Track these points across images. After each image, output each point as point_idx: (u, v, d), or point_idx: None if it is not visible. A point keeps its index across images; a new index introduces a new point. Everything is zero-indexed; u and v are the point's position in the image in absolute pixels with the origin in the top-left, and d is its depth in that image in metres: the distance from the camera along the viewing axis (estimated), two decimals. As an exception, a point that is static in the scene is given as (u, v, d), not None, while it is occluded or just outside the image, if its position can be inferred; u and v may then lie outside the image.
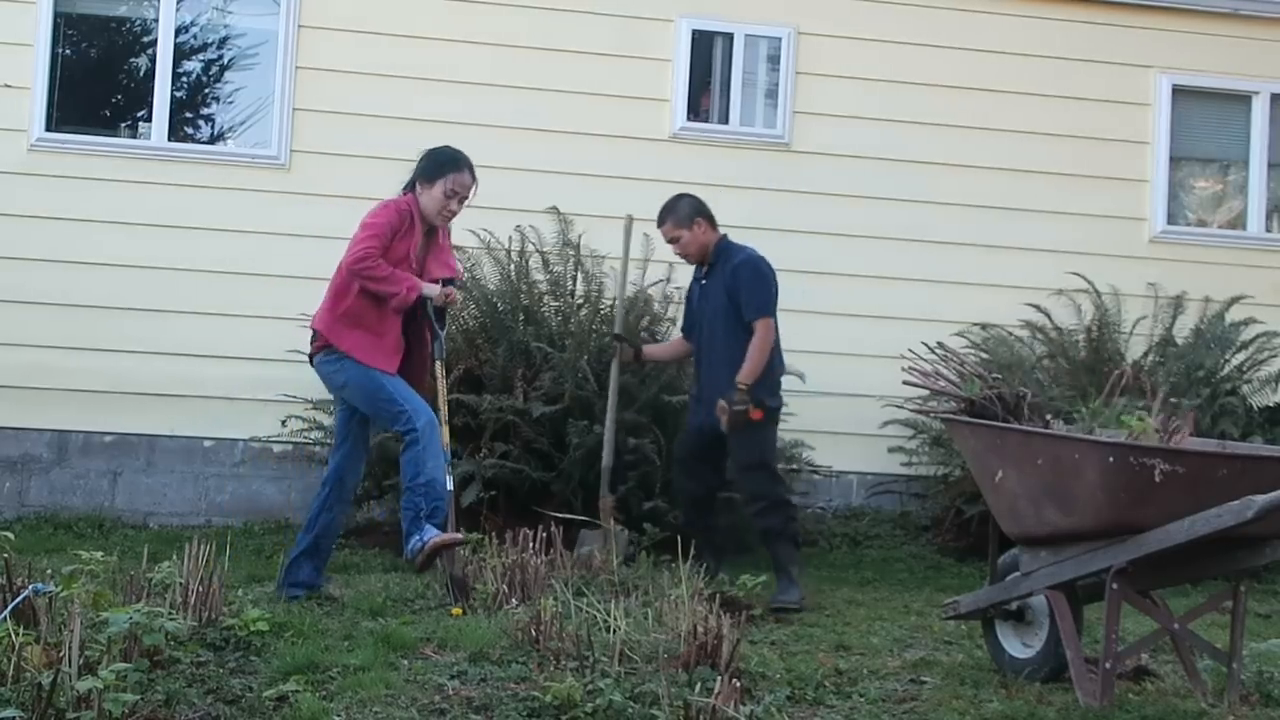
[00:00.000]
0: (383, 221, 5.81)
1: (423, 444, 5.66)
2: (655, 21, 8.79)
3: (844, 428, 8.54)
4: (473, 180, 5.99)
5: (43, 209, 8.17)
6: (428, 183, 5.93)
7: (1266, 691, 4.56)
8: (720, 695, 3.75)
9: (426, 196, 5.92)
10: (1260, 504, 3.92)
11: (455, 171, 5.94)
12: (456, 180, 5.93)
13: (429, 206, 5.92)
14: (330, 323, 5.83)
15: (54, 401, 8.11)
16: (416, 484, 5.66)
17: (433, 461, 5.68)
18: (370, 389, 5.78)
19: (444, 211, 5.95)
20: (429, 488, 5.66)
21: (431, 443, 5.69)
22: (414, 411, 5.71)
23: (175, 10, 8.45)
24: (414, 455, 5.68)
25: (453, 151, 6.05)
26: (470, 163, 6.01)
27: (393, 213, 5.85)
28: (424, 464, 5.66)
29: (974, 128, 9.02)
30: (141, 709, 3.72)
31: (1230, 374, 8.15)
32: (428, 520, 5.63)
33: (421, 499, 5.65)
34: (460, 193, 5.95)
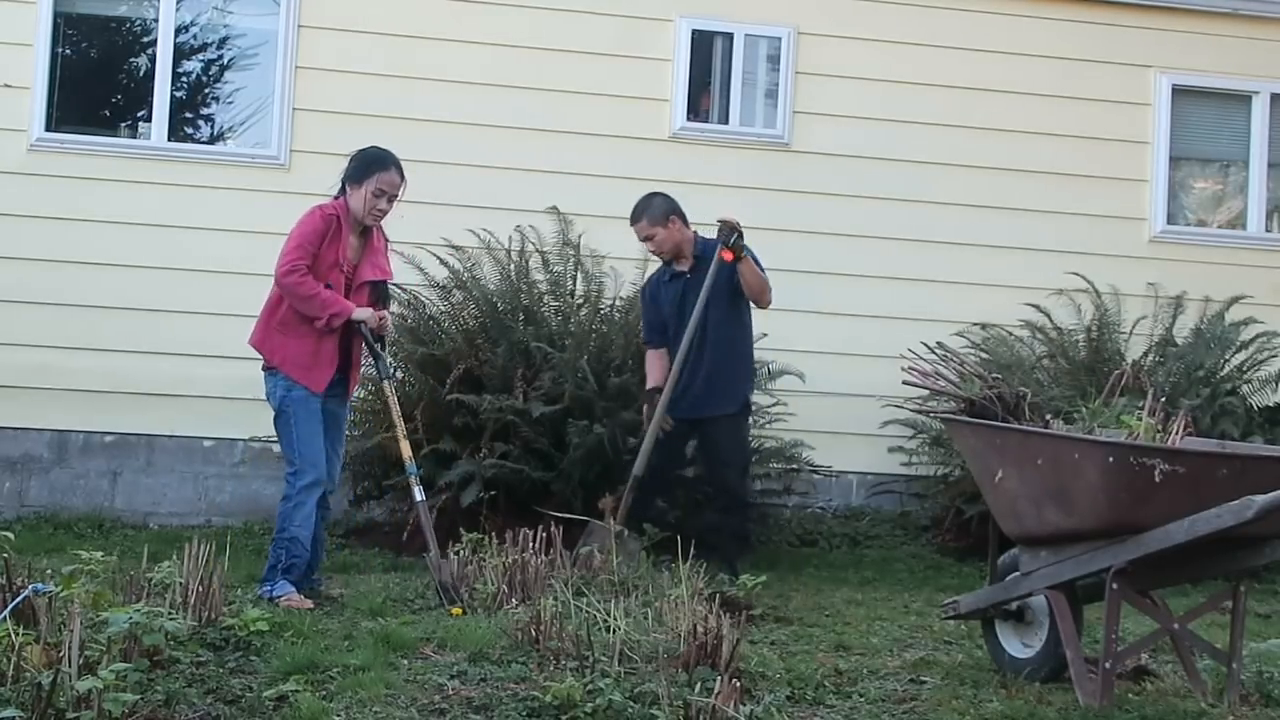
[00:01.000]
0: (308, 230, 5.89)
1: (293, 503, 5.83)
2: (655, 21, 8.79)
3: (844, 428, 8.54)
4: (400, 178, 6.04)
5: (43, 209, 8.17)
6: (355, 184, 5.99)
7: (1266, 691, 4.55)
8: (720, 695, 3.75)
9: (355, 198, 5.98)
10: (1260, 504, 3.92)
11: (382, 170, 6.00)
12: (383, 179, 5.99)
13: (357, 207, 5.97)
14: (265, 334, 5.93)
15: (54, 401, 8.11)
16: (281, 537, 5.84)
17: (300, 521, 5.82)
18: (280, 424, 5.90)
19: (373, 211, 6.00)
20: (291, 544, 5.81)
21: (305, 503, 5.83)
22: (302, 468, 5.84)
23: (175, 10, 8.45)
24: (285, 510, 5.86)
25: (379, 151, 6.12)
26: (397, 161, 6.07)
27: (318, 219, 5.91)
28: (291, 520, 5.82)
29: (974, 128, 9.03)
30: (141, 709, 3.71)
31: (1230, 374, 8.15)
32: (284, 574, 5.77)
33: (283, 552, 5.81)
34: (388, 191, 6.00)
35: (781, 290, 8.59)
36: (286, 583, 5.73)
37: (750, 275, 6.84)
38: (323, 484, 5.91)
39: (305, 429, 5.85)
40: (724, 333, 6.83)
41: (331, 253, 5.90)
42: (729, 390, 6.91)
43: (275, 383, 5.90)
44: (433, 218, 8.01)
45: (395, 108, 8.42)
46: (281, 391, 5.87)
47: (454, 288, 7.83)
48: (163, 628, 4.09)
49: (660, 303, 6.99)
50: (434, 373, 7.51)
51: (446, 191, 8.32)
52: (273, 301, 5.94)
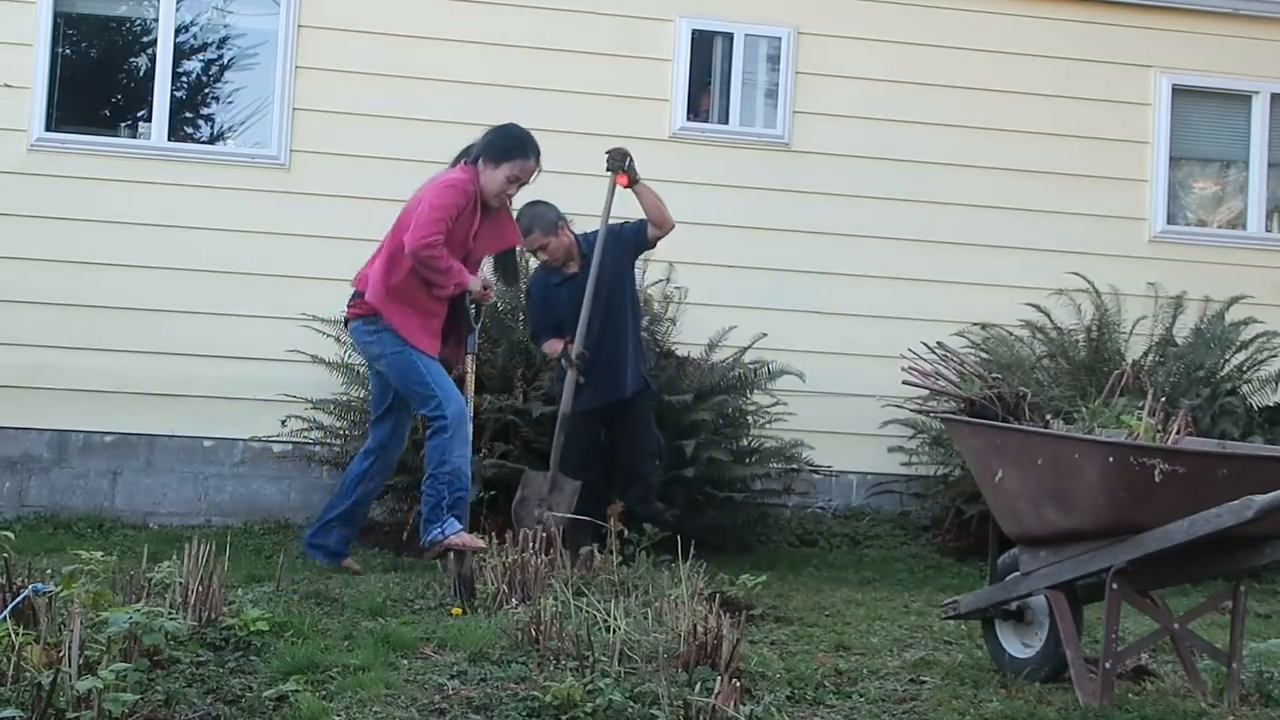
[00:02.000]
0: (450, 204, 5.74)
1: (451, 432, 5.63)
2: (655, 21, 8.79)
3: (844, 428, 8.54)
4: (538, 166, 5.91)
5: (43, 209, 8.17)
6: (492, 163, 5.85)
7: (1266, 691, 4.55)
8: (720, 695, 3.75)
9: (489, 176, 5.84)
10: (1260, 504, 3.92)
11: (523, 157, 5.88)
12: (522, 166, 5.88)
13: (489, 187, 5.85)
14: (382, 295, 5.75)
15: (54, 401, 8.11)
16: (441, 472, 5.61)
17: (459, 450, 5.64)
18: (405, 367, 5.74)
19: (501, 194, 5.91)
20: (454, 477, 5.61)
21: (459, 432, 5.65)
22: (445, 398, 5.68)
23: (175, 10, 8.45)
24: (441, 443, 5.64)
25: (522, 134, 5.96)
26: (538, 149, 5.92)
27: (460, 194, 5.77)
28: (450, 452, 5.62)
29: (974, 128, 9.03)
30: (141, 709, 3.71)
31: (1230, 374, 8.15)
32: (449, 510, 5.58)
33: (445, 487, 5.60)
34: (523, 179, 5.90)
35: (781, 290, 8.66)
36: (455, 520, 5.55)
37: (648, 196, 6.92)
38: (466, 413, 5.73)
39: (430, 366, 5.72)
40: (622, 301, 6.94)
41: (464, 228, 5.79)
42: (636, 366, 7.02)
43: (381, 337, 5.76)
44: (433, 218, 8.00)
45: (395, 108, 8.43)
46: (392, 344, 5.74)
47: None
48: (163, 628, 4.09)
49: (554, 305, 7.01)
50: (434, 373, 7.50)
51: (446, 191, 8.31)
52: (390, 263, 5.77)
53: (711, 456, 7.47)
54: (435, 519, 5.57)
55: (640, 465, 6.94)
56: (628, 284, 7.12)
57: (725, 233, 8.61)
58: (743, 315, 8.14)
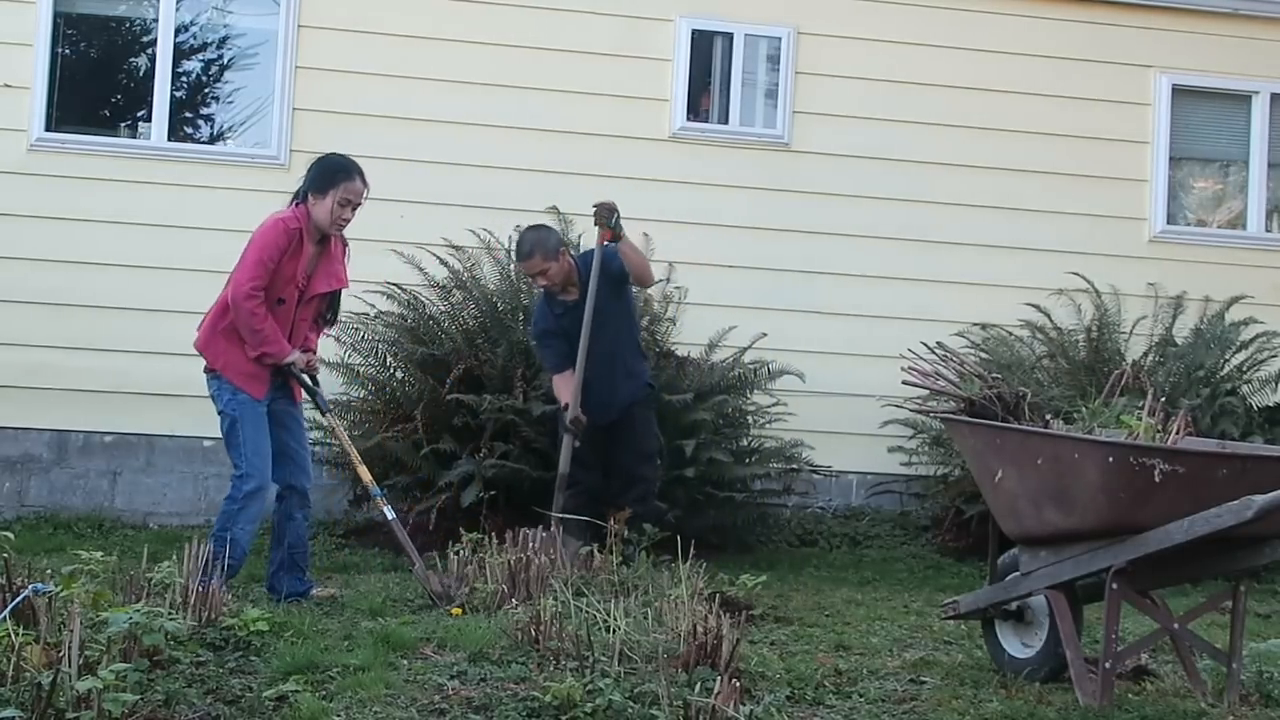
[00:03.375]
0: (270, 244, 5.77)
1: (239, 506, 5.72)
2: (655, 21, 8.79)
3: (844, 428, 8.54)
4: (364, 186, 5.92)
5: (43, 209, 8.17)
6: (319, 194, 5.86)
7: (1266, 691, 4.55)
8: (720, 695, 3.75)
9: (319, 208, 5.85)
10: (1260, 504, 3.92)
11: (347, 180, 5.88)
12: (349, 189, 5.87)
13: (321, 218, 5.85)
14: (210, 339, 5.82)
15: (54, 401, 8.11)
16: (221, 535, 5.67)
17: (243, 525, 5.71)
18: (227, 427, 5.80)
19: (338, 221, 5.89)
20: (232, 545, 5.65)
21: (248, 508, 5.72)
22: (249, 473, 5.73)
23: (175, 10, 8.45)
24: (228, 510, 5.74)
25: (340, 159, 6.01)
26: (360, 169, 5.95)
27: (281, 233, 5.79)
28: (234, 522, 5.71)
29: (974, 128, 9.03)
30: (141, 709, 3.72)
31: (1230, 374, 8.14)
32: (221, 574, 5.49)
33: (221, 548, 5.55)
34: (354, 200, 5.89)
35: (781, 290, 8.66)
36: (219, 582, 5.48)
37: (632, 253, 6.88)
38: (265, 491, 5.77)
39: (252, 435, 5.76)
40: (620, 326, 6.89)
41: (290, 267, 5.79)
42: (637, 374, 6.98)
43: (220, 387, 5.82)
44: (433, 218, 8.02)
45: (395, 108, 8.43)
46: (227, 396, 5.79)
47: (454, 288, 7.83)
48: (163, 628, 4.09)
49: (560, 333, 6.92)
50: (434, 373, 7.51)
51: (446, 191, 8.33)
52: (220, 307, 5.84)
53: (711, 456, 7.48)
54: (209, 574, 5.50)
55: (639, 468, 6.92)
56: (622, 309, 6.97)
57: (725, 233, 8.61)
58: (743, 315, 8.14)
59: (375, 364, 7.72)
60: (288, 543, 5.90)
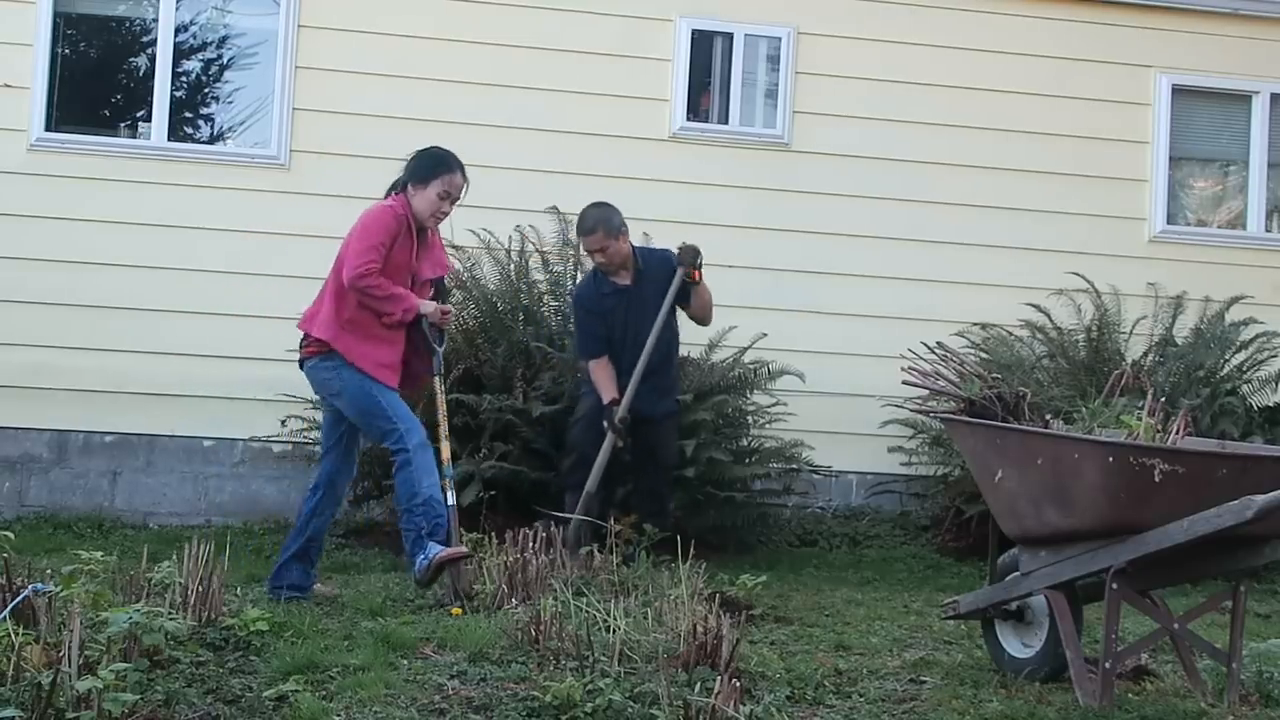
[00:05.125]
0: (381, 229, 5.74)
1: (415, 464, 5.65)
2: (655, 21, 8.79)
3: (844, 428, 8.54)
4: (464, 180, 5.95)
5: (43, 209, 8.17)
6: (420, 184, 5.88)
7: (1266, 691, 4.55)
8: (720, 695, 3.75)
9: (420, 198, 5.86)
10: (1260, 504, 3.92)
11: (448, 172, 5.90)
12: (450, 181, 5.90)
13: (422, 209, 5.86)
14: (336, 331, 5.73)
15: (54, 401, 8.11)
16: (415, 504, 5.64)
17: (428, 480, 5.66)
18: (365, 402, 5.73)
19: (437, 213, 5.91)
20: (427, 506, 5.64)
21: (424, 462, 5.66)
22: (407, 430, 5.68)
23: (175, 10, 8.45)
24: (408, 476, 5.66)
25: (443, 152, 6.01)
26: (461, 162, 5.97)
27: (390, 219, 5.77)
28: (419, 483, 5.64)
29: (974, 128, 9.03)
30: (141, 709, 3.71)
31: (1230, 374, 8.14)
32: (430, 538, 5.62)
33: (421, 518, 5.62)
34: (453, 193, 5.92)
35: (781, 290, 8.66)
36: (435, 545, 5.57)
37: (706, 295, 7.00)
38: (428, 441, 5.73)
39: (390, 398, 5.72)
40: (665, 337, 6.94)
41: (403, 254, 5.78)
42: (671, 390, 7.08)
43: (345, 373, 5.72)
44: (433, 218, 8.00)
45: (395, 108, 8.43)
46: (355, 379, 5.70)
47: (454, 288, 7.82)
48: (163, 628, 4.09)
49: (604, 314, 6.92)
50: (434, 372, 7.50)
51: (446, 191, 8.32)
52: (335, 296, 5.75)
53: (711, 456, 7.47)
54: (418, 549, 5.62)
55: (661, 484, 6.95)
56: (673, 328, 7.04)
57: (725, 232, 8.60)
58: (742, 315, 8.13)
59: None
60: (309, 536, 5.87)
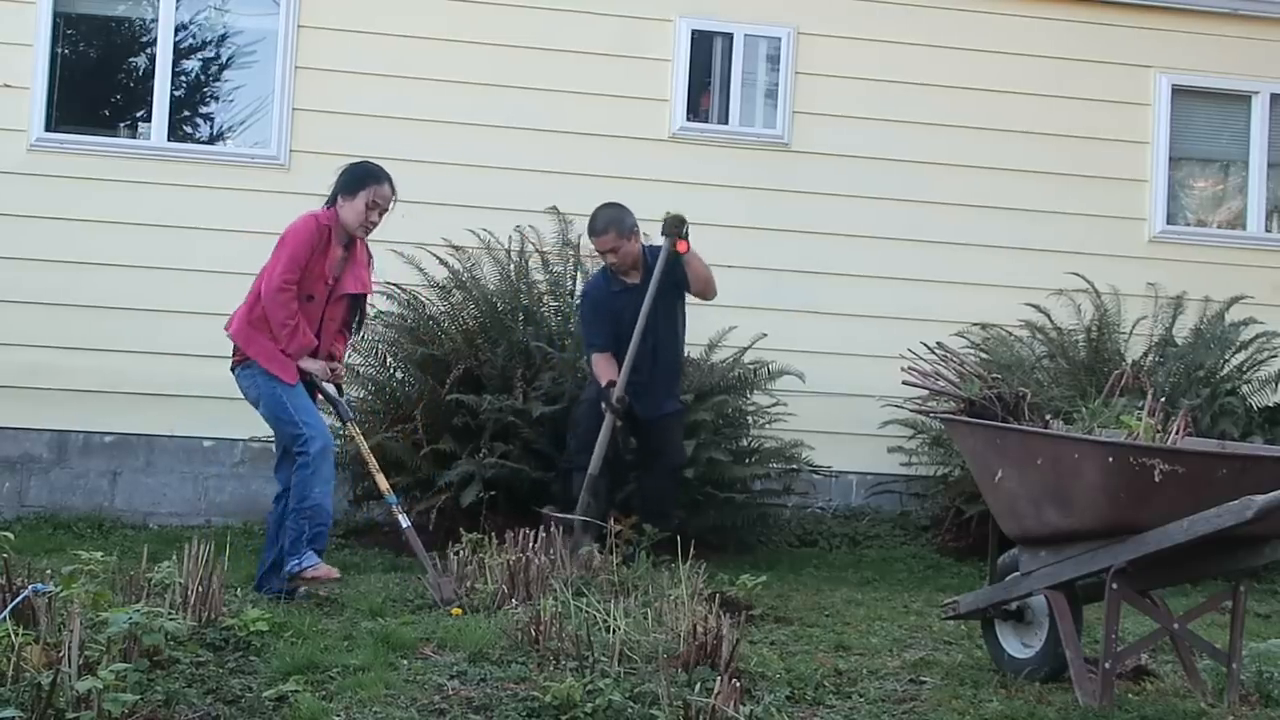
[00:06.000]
0: (303, 240, 5.89)
1: (312, 468, 5.78)
2: (655, 21, 8.79)
3: (844, 428, 8.54)
4: (392, 192, 6.09)
5: (43, 209, 8.17)
6: (349, 196, 6.02)
7: (1266, 691, 4.55)
8: (720, 695, 3.75)
9: (348, 209, 6.00)
10: (1260, 504, 3.92)
11: (375, 184, 6.04)
12: (377, 192, 6.03)
13: (350, 219, 6.00)
14: (245, 330, 5.94)
15: (54, 401, 8.11)
16: (302, 508, 5.77)
17: (320, 488, 5.79)
18: (274, 406, 5.90)
19: (365, 224, 6.05)
20: (314, 512, 5.77)
21: (321, 468, 5.80)
22: (311, 436, 5.82)
23: (174, 10, 8.45)
24: (304, 478, 5.79)
25: (370, 165, 6.18)
26: (389, 175, 6.11)
27: (313, 229, 5.93)
28: (311, 488, 5.77)
29: (974, 128, 9.03)
30: (141, 709, 3.72)
31: (1230, 374, 8.14)
32: (309, 545, 5.72)
33: (306, 523, 5.75)
34: (380, 204, 6.05)
35: (781, 290, 8.67)
36: (313, 554, 5.70)
37: (698, 265, 6.94)
38: (331, 448, 5.90)
39: (298, 400, 5.90)
40: (669, 330, 6.93)
41: (320, 264, 5.93)
42: (676, 387, 7.07)
43: (253, 376, 5.94)
44: (433, 218, 8.01)
45: (395, 108, 8.43)
46: (261, 380, 5.91)
47: (454, 288, 7.83)
48: (163, 628, 4.10)
49: (613, 312, 6.92)
50: (434, 373, 7.51)
51: (446, 191, 8.32)
52: (253, 299, 5.98)
53: (711, 457, 7.47)
54: (295, 553, 5.73)
55: (668, 484, 6.94)
56: (674, 317, 7.04)
57: (725, 233, 8.59)
58: (742, 315, 8.13)
59: (375, 364, 7.72)
60: (281, 544, 5.93)
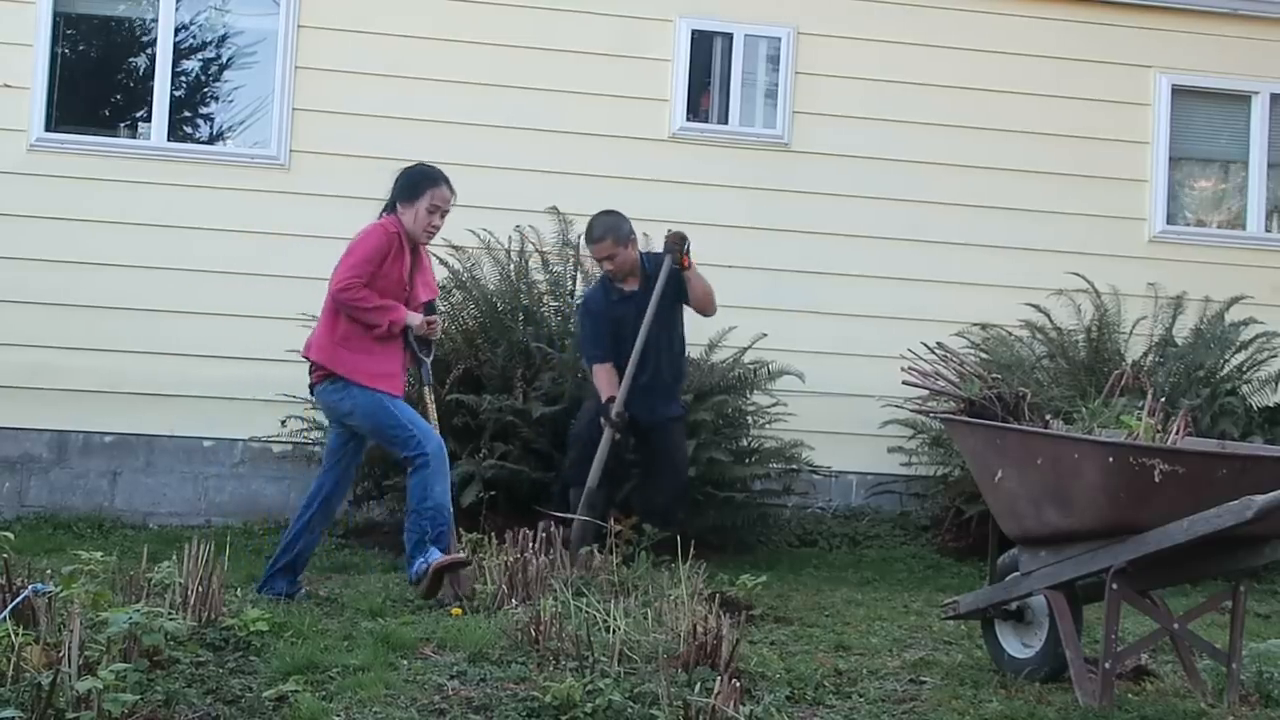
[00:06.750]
0: (370, 247, 5.77)
1: (432, 468, 5.70)
2: (655, 21, 8.79)
3: (844, 428, 8.54)
4: (451, 192, 5.98)
5: (43, 209, 8.17)
6: (409, 202, 5.90)
7: (1266, 691, 4.55)
8: (720, 695, 3.75)
9: (410, 215, 5.89)
10: (1260, 504, 3.92)
11: (434, 186, 5.93)
12: (436, 194, 5.92)
13: (413, 225, 5.89)
14: (330, 350, 5.78)
15: (54, 401, 8.11)
16: (424, 508, 5.69)
17: (440, 486, 5.73)
18: (378, 415, 5.76)
19: (428, 228, 5.94)
20: (436, 513, 5.70)
21: (440, 468, 5.73)
22: (424, 436, 5.74)
23: (174, 10, 8.45)
24: (423, 479, 5.70)
25: (427, 168, 6.05)
26: (447, 177, 6.00)
27: (381, 236, 5.80)
28: (432, 489, 5.70)
29: (974, 128, 9.03)
30: (141, 709, 3.71)
31: (1230, 374, 8.14)
32: (432, 544, 5.68)
33: (428, 523, 5.68)
34: (442, 207, 5.95)
35: (781, 290, 8.66)
36: (437, 550, 5.64)
37: (699, 282, 6.93)
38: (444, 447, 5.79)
39: (403, 407, 5.78)
40: (669, 337, 6.91)
41: (396, 271, 5.81)
42: (676, 390, 7.06)
43: (348, 391, 5.76)
44: (432, 218, 8.00)
45: (395, 108, 8.43)
46: (359, 394, 5.75)
47: (454, 288, 7.83)
48: (162, 628, 4.09)
49: (613, 321, 6.90)
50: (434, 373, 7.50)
51: (446, 191, 8.31)
52: (329, 316, 5.80)
53: (711, 457, 7.47)
54: (419, 553, 5.69)
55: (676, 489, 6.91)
56: (674, 327, 7.01)
57: (725, 233, 8.60)
58: (742, 315, 8.13)
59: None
60: (296, 553, 5.90)
